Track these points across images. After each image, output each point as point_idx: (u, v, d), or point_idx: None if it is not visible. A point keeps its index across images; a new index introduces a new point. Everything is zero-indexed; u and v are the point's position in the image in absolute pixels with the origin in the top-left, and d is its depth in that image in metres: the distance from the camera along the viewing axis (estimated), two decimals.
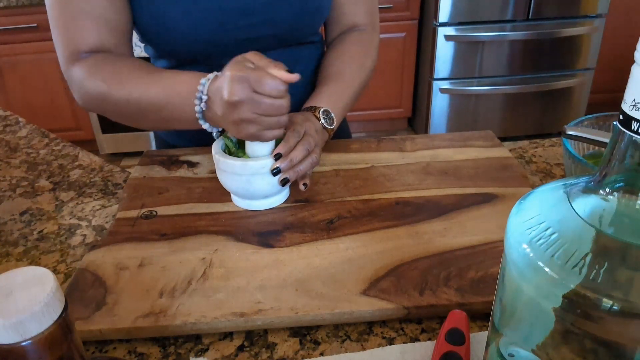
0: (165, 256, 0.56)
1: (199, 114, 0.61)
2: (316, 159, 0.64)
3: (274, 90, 0.55)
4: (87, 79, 0.67)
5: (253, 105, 0.55)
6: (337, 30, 0.85)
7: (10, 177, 0.78)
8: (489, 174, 0.69)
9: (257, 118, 0.56)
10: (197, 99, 0.60)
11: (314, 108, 0.71)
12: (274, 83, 0.55)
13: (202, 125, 0.63)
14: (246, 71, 0.55)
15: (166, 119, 0.66)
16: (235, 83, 0.55)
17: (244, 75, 0.55)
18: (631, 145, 0.25)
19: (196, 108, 0.61)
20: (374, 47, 0.84)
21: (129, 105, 0.66)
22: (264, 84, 0.55)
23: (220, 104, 0.57)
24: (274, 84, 0.55)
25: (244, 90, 0.55)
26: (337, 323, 0.48)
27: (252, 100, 0.55)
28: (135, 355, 0.46)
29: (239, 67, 0.56)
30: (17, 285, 0.25)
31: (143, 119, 0.68)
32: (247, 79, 0.55)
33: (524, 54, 2.41)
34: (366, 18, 0.84)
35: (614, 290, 0.24)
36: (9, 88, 2.42)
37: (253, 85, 0.55)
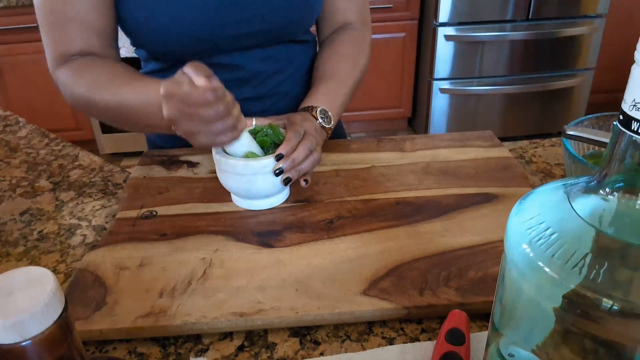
0: (165, 256, 0.56)
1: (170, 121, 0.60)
2: (318, 158, 0.64)
3: (201, 100, 0.54)
4: (72, 83, 0.69)
5: (189, 118, 0.56)
6: (329, 28, 0.85)
7: (10, 177, 0.78)
8: (489, 174, 0.69)
9: (199, 128, 0.56)
10: None
11: (311, 108, 0.71)
12: (200, 94, 0.54)
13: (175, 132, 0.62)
14: (174, 86, 0.55)
15: (143, 125, 0.67)
16: (167, 101, 0.56)
17: (171, 91, 0.56)
18: (631, 145, 0.25)
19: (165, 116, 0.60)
20: (367, 45, 0.84)
21: (109, 110, 0.68)
22: (190, 96, 0.54)
23: None
24: (200, 96, 0.54)
25: (176, 105, 0.56)
26: (337, 323, 0.48)
27: (185, 114, 0.56)
28: (135, 355, 0.46)
29: (169, 84, 0.56)
30: (17, 285, 0.25)
31: (125, 123, 0.70)
32: (176, 95, 0.55)
33: (524, 54, 2.41)
34: (358, 15, 0.84)
35: (614, 290, 0.24)
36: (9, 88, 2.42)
37: (182, 99, 0.55)
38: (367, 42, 0.84)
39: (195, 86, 0.54)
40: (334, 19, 0.84)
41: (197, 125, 0.56)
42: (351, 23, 0.84)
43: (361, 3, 0.85)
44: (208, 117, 0.55)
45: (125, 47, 0.78)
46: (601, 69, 2.53)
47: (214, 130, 0.57)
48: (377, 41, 2.42)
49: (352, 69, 0.79)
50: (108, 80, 0.68)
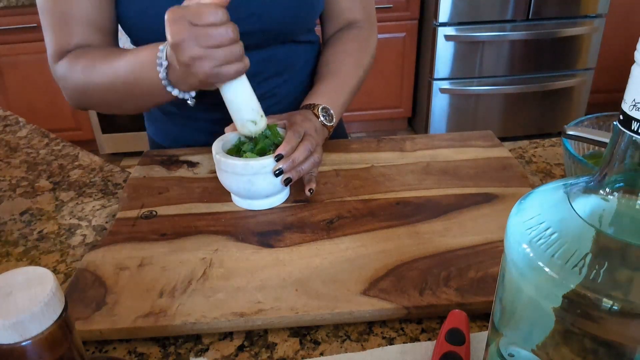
0: (165, 256, 0.56)
1: (164, 81, 0.61)
2: (318, 159, 0.64)
3: (212, 17, 0.53)
4: (68, 73, 0.69)
5: (197, 39, 0.54)
6: (334, 26, 0.85)
7: (10, 177, 0.78)
8: (489, 174, 0.69)
9: (206, 52, 0.54)
10: (158, 65, 0.60)
11: (312, 106, 0.71)
12: (211, 10, 0.53)
13: (171, 93, 0.62)
14: (181, 9, 0.54)
15: (140, 94, 0.66)
16: (173, 24, 0.54)
17: (179, 14, 0.54)
18: (631, 145, 0.25)
19: (160, 75, 0.60)
20: (372, 44, 0.84)
21: (104, 88, 0.67)
22: (200, 14, 0.53)
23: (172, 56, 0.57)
24: (210, 12, 0.53)
25: (183, 27, 0.54)
26: (337, 323, 0.48)
27: (194, 34, 0.54)
28: (135, 355, 0.46)
29: (175, 8, 0.55)
30: (17, 285, 0.25)
31: (122, 100, 0.69)
32: (183, 16, 0.54)
33: (524, 54, 2.41)
34: (363, 14, 0.84)
35: (614, 290, 0.24)
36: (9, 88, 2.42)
37: (190, 19, 0.54)
38: (372, 41, 0.84)
39: (204, 4, 0.53)
40: (339, 18, 0.84)
41: (202, 49, 0.54)
42: (356, 22, 0.84)
43: (366, 2, 0.84)
44: (219, 36, 0.54)
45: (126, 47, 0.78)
46: (601, 69, 2.53)
47: (222, 55, 0.55)
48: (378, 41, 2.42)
49: (356, 68, 0.79)
50: (101, 59, 0.68)
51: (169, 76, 0.61)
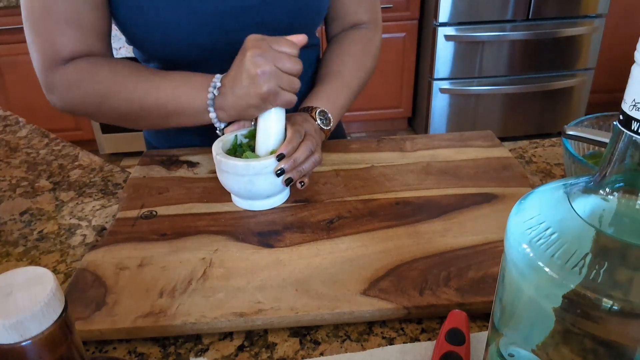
0: (165, 256, 0.56)
1: (210, 101, 0.64)
2: (319, 159, 0.64)
3: (290, 48, 0.61)
4: (79, 84, 0.67)
5: (274, 58, 0.60)
6: (339, 27, 0.84)
7: (10, 177, 0.78)
8: (489, 174, 0.69)
9: (277, 72, 0.60)
10: (211, 86, 0.64)
11: (310, 109, 0.71)
12: (289, 42, 0.61)
13: (209, 115, 0.65)
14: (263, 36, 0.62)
15: (169, 113, 0.67)
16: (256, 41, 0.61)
17: (261, 37, 0.61)
18: (631, 145, 0.25)
19: (209, 95, 0.64)
20: (376, 46, 0.83)
21: (130, 104, 0.66)
22: (281, 42, 0.61)
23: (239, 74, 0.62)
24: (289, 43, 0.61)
25: (264, 46, 0.61)
26: (337, 323, 0.48)
27: (272, 54, 0.60)
28: (135, 355, 0.46)
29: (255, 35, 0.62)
30: (17, 285, 0.25)
31: (142, 118, 0.69)
32: (265, 39, 0.61)
33: (524, 54, 2.41)
34: (368, 15, 0.84)
35: (614, 290, 0.24)
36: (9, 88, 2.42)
37: (271, 43, 0.61)
38: (376, 43, 0.83)
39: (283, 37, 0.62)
40: (343, 18, 0.83)
41: (274, 67, 0.60)
42: (361, 23, 0.83)
43: (372, 3, 0.84)
44: (288, 63, 0.61)
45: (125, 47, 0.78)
46: (601, 69, 2.53)
47: (286, 80, 0.61)
48: None
49: (358, 70, 0.79)
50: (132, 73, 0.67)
51: (216, 99, 0.64)
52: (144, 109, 0.67)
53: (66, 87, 0.68)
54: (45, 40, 0.67)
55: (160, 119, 0.68)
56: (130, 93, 0.66)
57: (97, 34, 0.69)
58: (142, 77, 0.67)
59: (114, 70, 0.67)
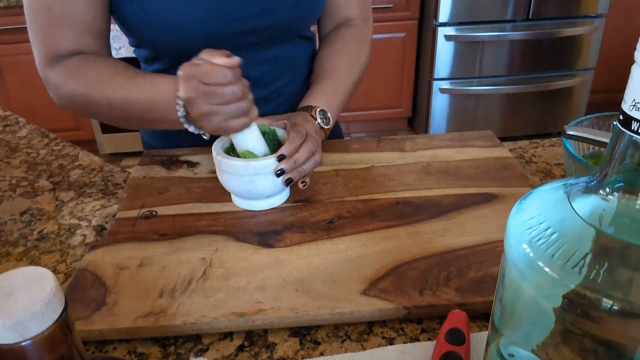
0: (165, 256, 0.56)
1: (182, 119, 0.62)
2: (319, 159, 0.64)
3: (220, 78, 0.57)
4: (67, 82, 0.68)
5: (206, 98, 0.57)
6: (330, 24, 0.85)
7: (10, 177, 0.78)
8: (489, 174, 0.69)
9: (214, 108, 0.58)
10: (178, 105, 0.62)
11: (310, 108, 0.71)
12: (220, 72, 0.57)
13: (188, 129, 0.64)
14: (193, 68, 0.58)
15: (151, 121, 0.67)
16: (185, 81, 0.58)
17: (190, 72, 0.58)
18: (631, 145, 0.25)
19: (179, 114, 0.62)
20: (367, 43, 0.84)
21: (112, 108, 0.67)
22: (210, 74, 0.57)
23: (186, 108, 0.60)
24: (220, 73, 0.57)
25: (192, 86, 0.58)
26: (337, 323, 0.48)
27: (204, 93, 0.57)
28: (135, 355, 0.46)
29: (188, 66, 0.59)
30: (17, 285, 0.25)
31: (127, 121, 0.69)
32: (194, 75, 0.57)
33: (524, 54, 2.41)
34: (359, 11, 0.84)
35: (614, 290, 0.24)
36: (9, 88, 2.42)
37: (201, 79, 0.57)
38: (368, 40, 0.84)
39: (215, 64, 0.57)
40: (335, 15, 0.84)
41: (213, 106, 0.57)
42: (352, 19, 0.84)
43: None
44: (226, 95, 0.57)
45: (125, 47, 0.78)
46: (601, 69, 2.53)
47: (229, 111, 0.58)
48: (377, 41, 2.42)
49: (352, 67, 0.79)
50: (111, 77, 0.67)
51: (187, 116, 0.62)
52: (125, 114, 0.67)
53: (59, 84, 0.69)
54: (43, 38, 0.68)
55: (144, 125, 0.70)
56: (109, 99, 0.66)
57: (93, 33, 0.69)
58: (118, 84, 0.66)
59: (96, 73, 0.68)
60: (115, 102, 0.66)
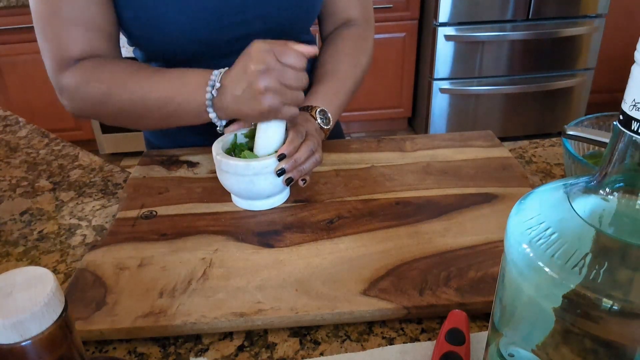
0: (165, 256, 0.56)
1: (208, 101, 0.62)
2: (319, 159, 0.64)
3: (296, 61, 0.58)
4: (85, 84, 0.67)
5: (280, 74, 0.58)
6: (332, 25, 0.85)
7: (10, 177, 0.78)
8: (489, 174, 0.69)
9: (282, 88, 0.58)
10: (209, 86, 0.62)
11: (310, 108, 0.71)
12: (297, 54, 0.58)
13: (208, 115, 0.63)
14: (271, 44, 0.59)
15: (170, 113, 0.66)
16: (262, 52, 0.58)
17: (267, 45, 0.58)
18: (631, 145, 0.25)
19: (207, 95, 0.62)
20: (369, 43, 0.84)
21: (132, 104, 0.66)
22: (288, 54, 0.58)
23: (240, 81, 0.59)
24: (296, 55, 0.58)
25: (271, 58, 0.58)
26: (337, 323, 0.48)
27: (278, 68, 0.58)
28: (135, 355, 0.46)
29: (262, 42, 0.59)
30: (17, 285, 0.25)
31: (145, 117, 0.68)
32: (272, 50, 0.58)
33: (524, 54, 2.41)
34: (360, 12, 0.84)
35: (614, 290, 0.24)
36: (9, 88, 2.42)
37: (278, 55, 0.58)
38: (370, 40, 0.84)
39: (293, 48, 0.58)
40: (336, 16, 0.84)
41: (279, 84, 0.58)
42: (353, 20, 0.84)
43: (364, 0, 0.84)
44: (297, 80, 0.59)
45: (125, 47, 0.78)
46: (601, 69, 2.53)
47: (291, 96, 0.59)
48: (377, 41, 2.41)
49: (353, 68, 0.79)
50: (131, 73, 0.66)
51: (214, 99, 0.62)
52: (146, 109, 0.67)
53: (73, 89, 0.68)
54: (53, 43, 0.67)
55: (161, 119, 0.68)
56: (131, 94, 0.66)
57: (104, 34, 0.69)
58: (142, 77, 0.66)
59: (115, 71, 0.67)
60: (137, 97, 0.65)
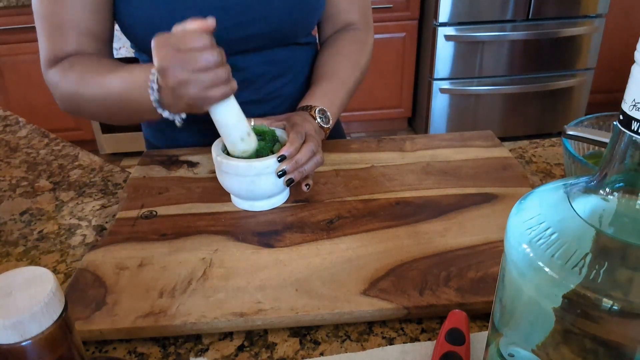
0: (165, 256, 0.56)
1: (155, 102, 0.61)
2: (320, 159, 0.64)
3: (196, 42, 0.54)
4: (61, 81, 0.69)
5: (182, 64, 0.54)
6: (331, 28, 0.85)
7: (10, 177, 0.78)
8: (489, 174, 0.69)
9: (191, 76, 0.54)
10: (150, 88, 0.60)
11: (309, 107, 0.71)
12: (194, 36, 0.54)
13: (162, 114, 0.62)
14: (166, 36, 0.56)
15: (131, 111, 0.66)
16: (159, 49, 0.55)
17: (164, 40, 0.55)
18: (631, 145, 0.25)
19: (152, 97, 0.60)
20: (368, 46, 0.84)
21: (97, 102, 0.67)
22: (184, 39, 0.54)
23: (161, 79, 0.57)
24: (195, 37, 0.54)
25: (169, 52, 0.54)
26: (337, 323, 0.48)
27: (179, 59, 0.54)
28: (135, 355, 0.46)
29: (160, 35, 0.56)
30: (17, 285, 0.25)
31: (114, 114, 0.69)
32: (169, 42, 0.55)
33: (524, 54, 2.41)
34: (360, 16, 0.84)
35: (614, 290, 0.24)
36: (9, 88, 2.42)
37: (175, 45, 0.54)
38: (369, 43, 0.84)
39: (188, 30, 0.54)
40: (336, 19, 0.84)
41: (188, 73, 0.54)
42: (353, 24, 0.84)
43: (363, 4, 0.84)
44: (202, 61, 0.54)
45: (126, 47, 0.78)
46: (601, 69, 2.53)
47: (207, 79, 0.55)
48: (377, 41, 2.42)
49: (353, 69, 0.79)
50: (94, 72, 0.67)
51: (160, 99, 0.60)
52: (110, 106, 0.67)
53: (53, 86, 0.71)
54: (47, 41, 0.70)
55: (130, 115, 0.68)
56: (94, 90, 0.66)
57: (95, 37, 0.70)
58: (102, 74, 0.66)
59: (84, 69, 0.68)
60: (99, 95, 0.66)
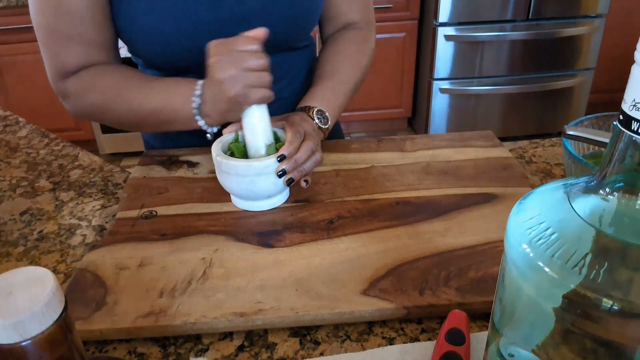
0: (165, 256, 0.56)
1: (195, 110, 0.65)
2: (320, 159, 0.64)
3: (248, 45, 0.61)
4: (84, 93, 0.70)
5: (233, 61, 0.60)
6: (333, 28, 0.85)
7: (10, 177, 0.78)
8: (489, 174, 0.69)
9: (239, 73, 0.60)
10: (194, 96, 0.65)
11: (308, 108, 0.71)
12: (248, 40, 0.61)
13: (198, 122, 0.67)
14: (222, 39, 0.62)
15: (165, 121, 0.69)
16: (215, 47, 0.62)
17: (220, 41, 0.62)
18: (631, 145, 0.25)
19: (193, 104, 0.65)
20: (370, 45, 0.84)
21: (130, 113, 0.70)
22: (239, 42, 0.61)
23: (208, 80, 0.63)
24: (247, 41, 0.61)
25: (222, 49, 0.61)
26: (337, 323, 0.48)
27: (232, 56, 0.61)
28: (135, 355, 0.46)
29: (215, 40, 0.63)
30: (17, 285, 0.25)
31: (142, 124, 0.72)
32: (224, 43, 0.62)
33: (524, 54, 2.41)
34: (362, 15, 0.84)
35: (614, 290, 0.24)
36: (9, 88, 2.42)
37: (231, 46, 0.61)
38: (371, 42, 0.84)
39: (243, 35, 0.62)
40: (337, 19, 0.83)
41: (237, 69, 0.60)
42: (355, 23, 0.84)
43: (365, 3, 0.84)
44: (252, 62, 0.60)
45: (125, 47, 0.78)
46: (601, 69, 2.53)
47: (253, 79, 0.61)
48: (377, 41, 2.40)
49: (354, 69, 0.79)
50: (128, 83, 0.70)
51: (200, 107, 0.66)
52: (142, 118, 0.70)
53: (74, 97, 0.72)
54: (52, 55, 0.70)
55: (158, 125, 0.71)
56: (126, 104, 0.69)
57: (99, 46, 0.71)
58: (136, 88, 0.69)
59: (111, 81, 0.70)
60: (134, 107, 0.69)
